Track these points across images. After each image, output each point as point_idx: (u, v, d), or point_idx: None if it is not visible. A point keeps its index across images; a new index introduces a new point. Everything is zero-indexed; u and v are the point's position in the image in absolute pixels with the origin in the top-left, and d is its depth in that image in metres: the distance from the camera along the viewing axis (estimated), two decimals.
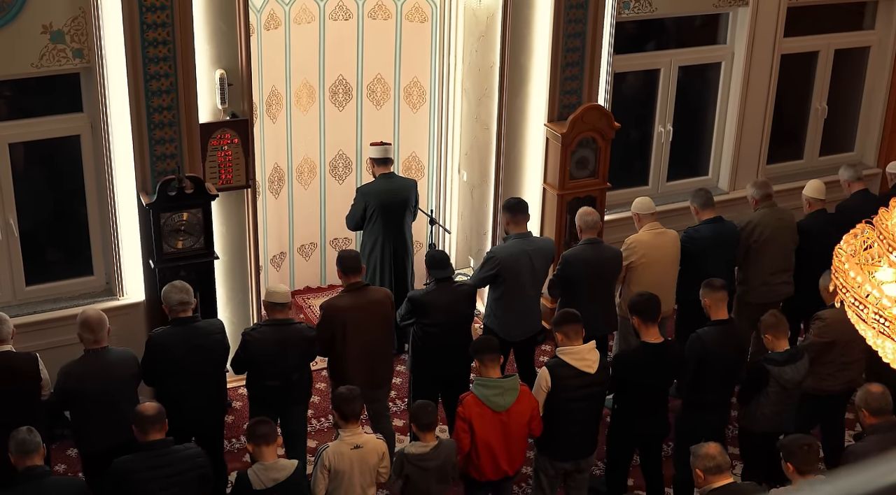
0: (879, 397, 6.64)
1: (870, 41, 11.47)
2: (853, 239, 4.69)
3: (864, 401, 6.65)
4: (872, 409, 6.61)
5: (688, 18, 10.65)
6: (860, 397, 6.71)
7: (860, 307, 4.29)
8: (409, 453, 6.70)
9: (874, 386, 6.72)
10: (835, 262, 4.61)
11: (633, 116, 10.44)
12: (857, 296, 4.28)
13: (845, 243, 4.65)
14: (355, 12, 9.79)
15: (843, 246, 4.64)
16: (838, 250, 4.67)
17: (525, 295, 8.37)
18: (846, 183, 9.72)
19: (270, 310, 7.52)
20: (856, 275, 4.37)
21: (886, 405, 6.63)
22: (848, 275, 4.39)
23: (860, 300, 4.28)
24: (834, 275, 4.56)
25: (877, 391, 6.67)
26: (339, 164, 10.32)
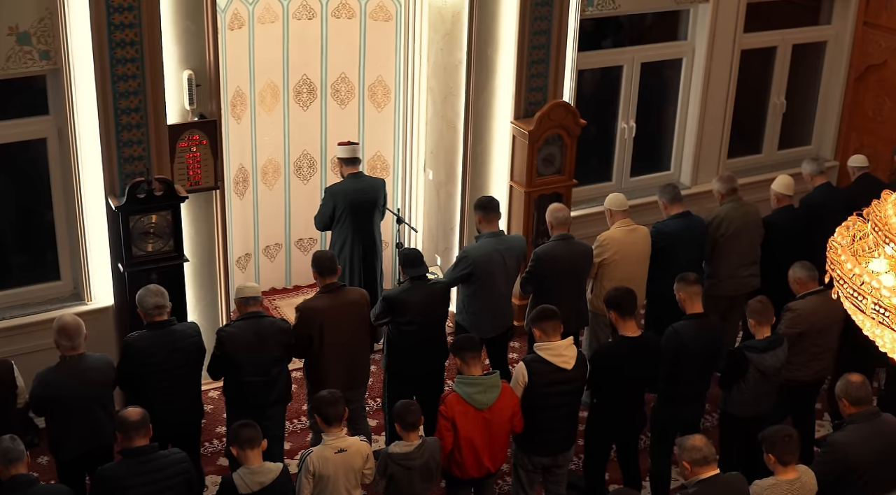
0: (860, 387, 6.72)
1: (826, 36, 11.61)
2: (846, 230, 4.74)
3: (845, 391, 6.73)
4: (853, 399, 6.69)
5: (642, 15, 10.71)
6: (840, 387, 6.78)
7: (859, 298, 4.33)
8: (394, 453, 6.68)
9: (854, 376, 6.80)
10: (830, 255, 4.65)
11: (595, 113, 10.46)
12: (855, 287, 4.33)
13: (839, 235, 4.70)
14: (319, 11, 9.74)
15: (837, 238, 4.68)
16: (832, 243, 4.71)
17: (497, 292, 8.38)
18: (809, 176, 9.82)
19: (243, 305, 7.48)
20: (853, 267, 4.41)
21: (866, 395, 6.72)
22: (844, 266, 4.44)
23: (858, 291, 4.32)
24: (829, 268, 4.61)
25: (857, 381, 6.75)
26: (303, 164, 10.26)
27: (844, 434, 6.62)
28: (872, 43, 11.41)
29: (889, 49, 11.26)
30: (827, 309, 8.12)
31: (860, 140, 11.71)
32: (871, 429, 6.60)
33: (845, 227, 4.76)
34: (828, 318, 8.11)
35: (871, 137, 11.62)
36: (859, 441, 6.54)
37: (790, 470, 6.32)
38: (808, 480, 6.38)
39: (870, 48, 11.46)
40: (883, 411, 7.93)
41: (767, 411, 7.92)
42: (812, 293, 8.12)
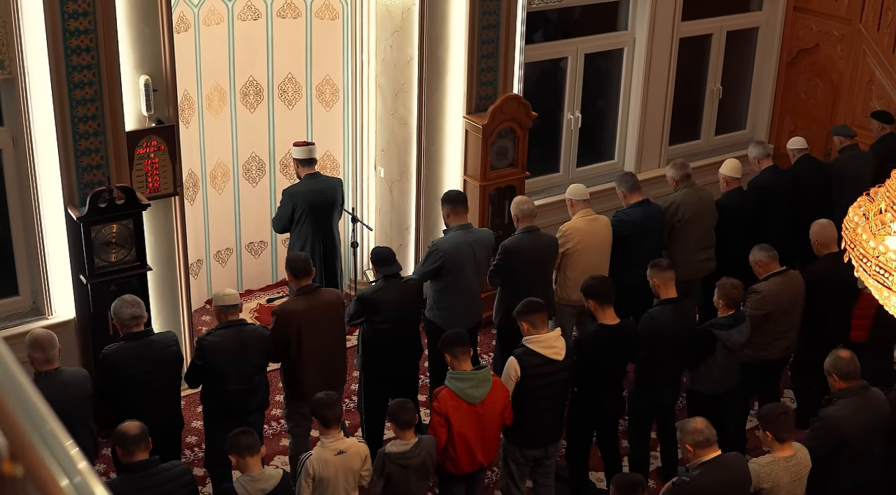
0: (848, 362, 6.87)
1: (758, 22, 11.84)
2: (858, 209, 4.84)
3: (834, 367, 6.88)
4: (842, 374, 6.84)
5: (572, 8, 10.77)
6: (830, 363, 6.93)
7: (885, 275, 4.42)
8: (391, 452, 6.64)
9: (843, 352, 6.96)
10: (847, 235, 4.74)
11: (539, 105, 10.51)
12: (883, 264, 4.42)
13: (853, 215, 4.79)
14: (264, 12, 9.63)
15: (852, 217, 4.77)
16: (847, 223, 4.80)
17: (468, 286, 8.38)
18: (756, 160, 10.01)
19: (222, 313, 7.36)
20: (877, 245, 4.50)
21: (855, 369, 6.87)
22: (867, 244, 4.53)
23: (885, 268, 4.41)
24: (849, 247, 4.70)
25: (845, 356, 6.90)
26: (252, 167, 10.14)
27: (836, 408, 6.77)
28: (803, 27, 11.66)
29: (820, 33, 11.52)
30: (790, 289, 8.31)
31: (794, 123, 11.97)
32: (861, 403, 6.76)
33: (857, 206, 4.84)
34: (791, 298, 8.30)
35: (805, 119, 11.88)
36: (850, 414, 6.69)
37: (786, 447, 6.45)
38: (803, 456, 6.50)
39: (801, 32, 11.71)
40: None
41: (733, 388, 8.07)
42: (775, 274, 8.28)
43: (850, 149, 10.41)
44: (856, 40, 11.16)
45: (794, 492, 6.47)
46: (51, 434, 1.67)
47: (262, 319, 9.84)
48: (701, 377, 8.02)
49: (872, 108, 10.98)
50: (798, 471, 6.44)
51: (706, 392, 8.03)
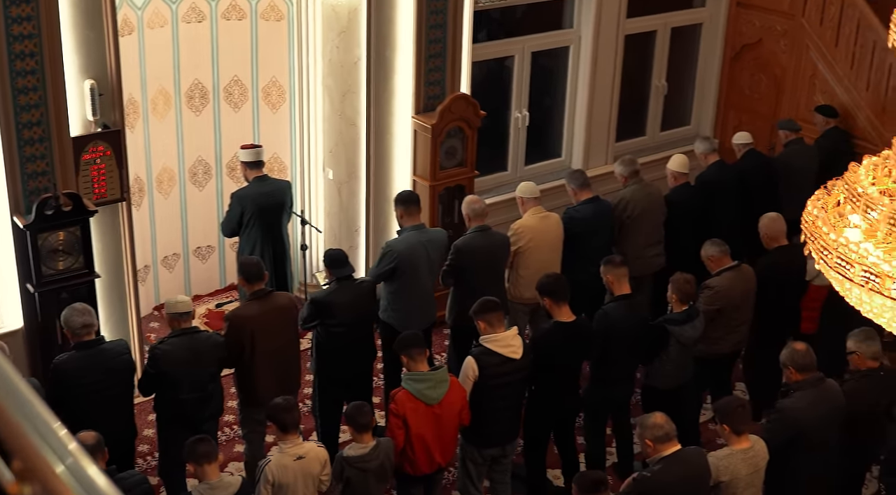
0: (805, 354, 6.92)
1: (701, 18, 11.92)
2: (817, 202, 4.87)
3: (791, 359, 6.92)
4: (799, 366, 6.89)
5: (514, 7, 10.78)
6: (786, 355, 6.98)
7: (846, 267, 4.44)
8: (349, 456, 6.60)
9: (799, 344, 7.01)
10: (807, 228, 4.76)
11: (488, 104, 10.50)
12: (843, 255, 4.44)
13: (812, 207, 4.82)
14: (209, 14, 9.53)
15: (811, 210, 4.80)
16: (807, 216, 4.83)
17: (422, 286, 8.35)
18: (703, 155, 10.06)
19: (175, 320, 7.27)
20: (837, 237, 4.53)
21: (811, 361, 6.92)
22: (828, 237, 4.55)
23: (846, 260, 4.44)
24: (809, 240, 4.72)
25: (801, 349, 6.95)
26: (198, 171, 10.03)
27: (792, 400, 6.81)
28: (747, 22, 11.76)
29: (763, 28, 11.61)
30: (742, 283, 8.37)
31: (738, 117, 12.05)
32: (817, 395, 6.81)
33: (815, 199, 4.87)
34: (743, 292, 8.37)
35: (749, 114, 11.97)
36: (807, 406, 6.74)
37: (744, 440, 6.48)
38: (761, 448, 6.54)
39: (744, 28, 11.81)
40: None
41: (687, 382, 8.11)
42: (727, 269, 8.33)
43: (796, 143, 10.50)
44: (798, 35, 11.27)
45: (752, 484, 6.51)
46: (40, 419, 1.67)
47: (212, 325, 9.75)
48: (655, 372, 8.06)
49: (816, 102, 11.09)
50: (756, 463, 6.49)
51: (661, 387, 8.06)
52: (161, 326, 9.81)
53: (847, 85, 10.92)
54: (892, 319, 4.40)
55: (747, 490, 6.47)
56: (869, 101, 10.78)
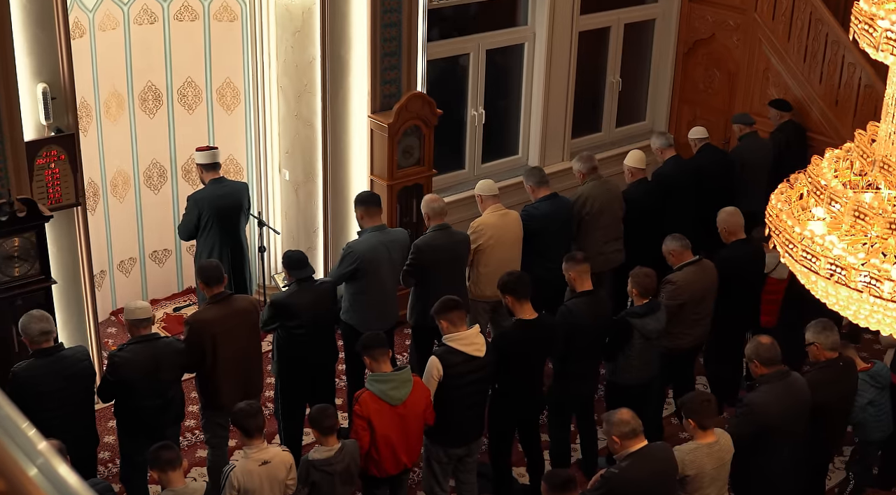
0: (770, 347, 6.94)
1: (654, 14, 11.96)
2: (780, 195, 4.88)
3: (756, 353, 6.94)
4: (763, 360, 6.90)
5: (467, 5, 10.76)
6: (751, 349, 6.99)
7: (811, 260, 4.46)
8: (315, 459, 6.54)
9: (764, 338, 7.03)
10: (771, 222, 4.77)
11: (444, 102, 10.48)
12: (808, 249, 4.45)
13: (776, 201, 4.83)
14: (161, 15, 9.42)
15: (775, 204, 4.81)
16: (770, 210, 4.84)
17: (384, 287, 8.31)
18: (659, 150, 10.10)
19: (134, 327, 7.17)
20: (801, 231, 4.54)
21: (776, 355, 6.94)
22: (793, 230, 4.56)
23: (811, 253, 4.45)
24: (773, 234, 4.73)
25: (766, 342, 6.97)
26: (153, 174, 9.92)
27: (759, 394, 6.83)
28: (699, 18, 11.81)
29: (715, 23, 11.67)
30: (704, 278, 8.39)
31: (692, 112, 12.12)
32: (783, 389, 6.83)
33: (779, 193, 4.88)
34: (705, 287, 8.39)
35: (704, 109, 12.03)
36: (774, 400, 6.76)
37: (709, 434, 6.50)
38: (726, 442, 6.56)
39: (696, 23, 11.86)
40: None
41: (653, 377, 8.13)
42: (689, 264, 8.35)
43: (750, 137, 10.57)
44: (751, 29, 11.34)
45: (717, 478, 6.53)
46: (8, 419, 1.64)
47: (170, 329, 9.66)
48: (618, 368, 8.07)
49: (770, 96, 11.16)
50: (721, 457, 6.51)
51: (624, 382, 8.07)
52: (119, 331, 9.71)
53: (800, 78, 11.00)
54: (858, 311, 4.41)
55: (713, 484, 6.49)
56: (822, 95, 10.87)
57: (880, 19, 4.09)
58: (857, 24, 4.22)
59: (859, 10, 4.19)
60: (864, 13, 4.16)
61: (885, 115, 4.43)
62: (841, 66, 10.66)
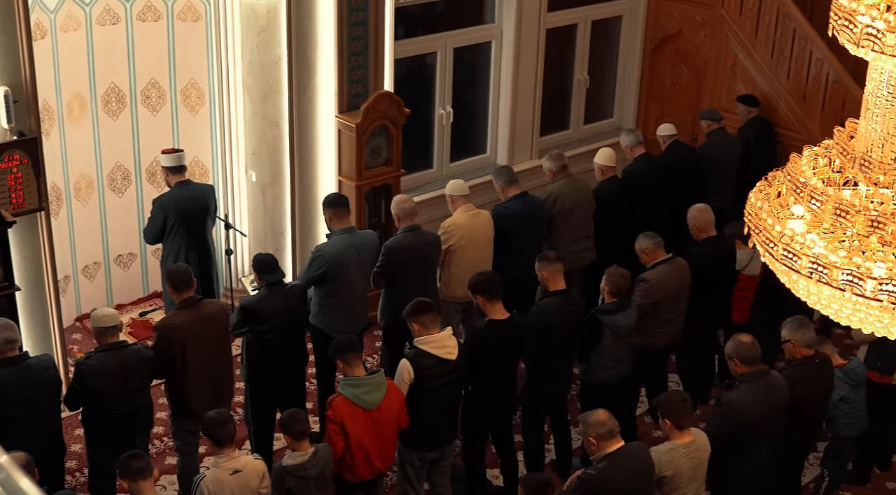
0: (751, 346, 6.89)
1: (621, 11, 11.91)
2: (760, 193, 4.83)
3: (736, 352, 6.88)
4: (744, 359, 6.85)
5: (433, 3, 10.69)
6: (731, 347, 6.94)
7: (792, 259, 4.40)
8: (289, 465, 6.44)
9: (744, 337, 6.98)
10: (750, 221, 4.72)
11: (411, 101, 10.39)
12: (789, 247, 4.40)
13: (755, 199, 4.78)
14: (123, 16, 9.28)
15: (754, 202, 4.75)
16: (749, 208, 4.78)
17: (353, 290, 8.22)
18: (628, 148, 10.05)
19: (101, 335, 7.05)
20: (782, 229, 4.49)
21: (757, 354, 6.89)
22: (773, 229, 4.51)
23: (792, 252, 4.40)
24: (753, 233, 4.68)
25: (747, 341, 6.92)
26: (117, 177, 9.77)
27: (738, 393, 6.78)
28: (666, 14, 11.78)
29: (682, 19, 11.64)
30: (677, 275, 8.35)
31: (660, 109, 12.08)
32: (763, 388, 6.79)
33: (758, 191, 4.83)
34: (679, 285, 8.35)
35: (671, 105, 12.00)
36: (753, 399, 6.72)
37: (685, 434, 6.45)
38: (702, 442, 6.52)
39: (664, 19, 11.82)
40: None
41: (626, 376, 8.08)
42: (662, 261, 8.31)
43: (718, 133, 10.54)
44: (718, 25, 11.31)
45: (695, 478, 6.48)
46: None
47: (136, 334, 9.53)
48: (591, 366, 8.02)
49: (737, 92, 11.14)
50: (699, 457, 6.46)
51: (597, 381, 8.02)
52: (84, 338, 9.56)
53: (768, 74, 10.99)
54: (840, 310, 4.36)
55: (690, 484, 6.44)
56: (790, 90, 10.86)
57: (860, 15, 4.04)
58: (836, 20, 4.16)
59: (839, 6, 4.14)
60: (844, 9, 4.11)
61: (865, 111, 4.38)
62: (808, 61, 10.65)
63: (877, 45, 4.00)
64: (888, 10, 4.03)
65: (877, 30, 3.98)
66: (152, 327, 7.54)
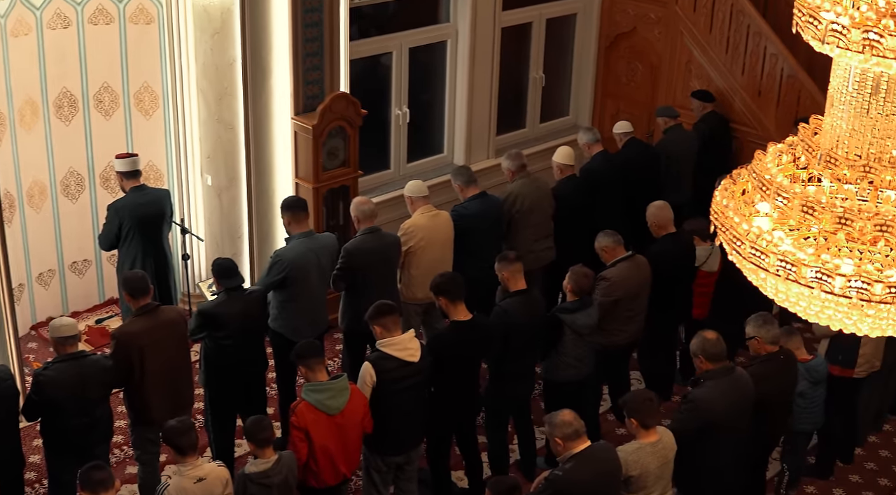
0: (716, 343, 6.88)
1: (576, 9, 11.91)
2: (725, 192, 4.80)
3: (702, 348, 6.88)
4: (710, 355, 6.85)
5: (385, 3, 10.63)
6: (696, 344, 6.93)
7: (761, 257, 4.38)
8: (251, 472, 6.37)
9: (709, 333, 6.97)
10: (716, 220, 4.69)
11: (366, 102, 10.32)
12: (757, 246, 4.38)
13: (721, 197, 4.75)
14: (75, 19, 9.14)
15: (720, 200, 4.73)
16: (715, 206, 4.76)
17: (313, 294, 8.14)
18: (586, 146, 10.03)
19: (60, 345, 6.94)
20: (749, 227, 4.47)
21: (722, 350, 6.89)
22: (740, 228, 4.49)
23: (759, 250, 4.37)
24: (720, 231, 4.65)
25: (712, 337, 6.91)
26: (70, 183, 9.63)
27: (704, 390, 6.77)
28: (620, 11, 11.79)
29: (637, 16, 11.66)
30: (638, 273, 8.35)
31: (616, 106, 12.09)
32: (728, 384, 6.78)
33: (724, 189, 4.80)
34: (639, 282, 8.35)
35: (627, 102, 12.01)
36: (719, 396, 6.71)
37: (652, 433, 6.43)
38: (668, 440, 6.51)
39: (618, 17, 11.83)
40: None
41: (588, 375, 8.06)
42: (622, 259, 8.30)
43: (675, 130, 10.57)
44: (672, 22, 11.33)
45: (662, 477, 6.47)
46: None
47: (93, 342, 9.40)
48: (553, 365, 8.00)
49: (692, 88, 11.17)
50: (665, 456, 6.45)
51: (559, 379, 8.00)
52: (40, 347, 9.42)
53: (722, 70, 11.02)
54: (808, 307, 4.35)
55: (657, 483, 6.43)
56: (745, 85, 10.90)
57: (825, 11, 4.03)
58: (800, 16, 4.14)
59: (802, 2, 4.11)
60: (808, 5, 4.09)
61: (829, 107, 4.36)
62: (763, 56, 10.69)
63: (842, 42, 3.98)
64: (852, 6, 4.02)
65: (842, 26, 3.96)
66: (109, 335, 7.42)
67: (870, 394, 8.58)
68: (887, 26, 3.87)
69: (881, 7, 3.92)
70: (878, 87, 4.17)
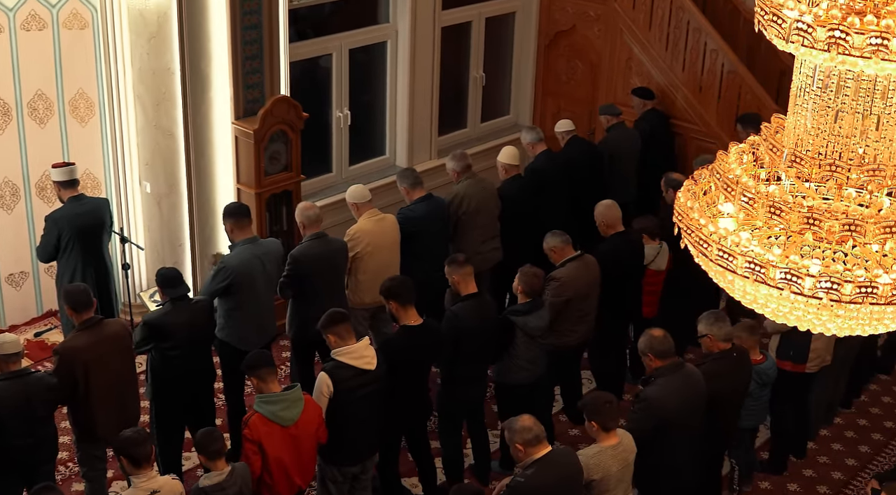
0: (663, 340, 6.85)
1: (514, 7, 11.85)
2: (688, 193, 4.74)
3: (650, 346, 6.84)
4: (658, 353, 6.81)
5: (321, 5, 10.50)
6: (644, 343, 6.89)
7: (728, 259, 4.33)
8: (205, 485, 6.21)
9: (656, 331, 6.93)
10: (680, 221, 4.63)
11: (306, 105, 10.18)
12: (724, 247, 4.33)
13: (684, 199, 4.69)
14: (7, 26, 8.89)
15: (684, 202, 4.67)
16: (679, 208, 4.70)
17: (259, 301, 8.00)
18: (529, 145, 9.98)
19: (3, 362, 6.74)
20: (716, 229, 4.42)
21: (670, 347, 6.86)
22: (706, 229, 4.43)
23: (726, 251, 4.32)
24: (684, 233, 4.59)
25: (659, 335, 6.87)
26: (5, 193, 9.38)
27: (656, 388, 6.73)
28: (559, 9, 11.74)
29: (576, 14, 11.62)
30: (587, 273, 8.30)
31: (557, 104, 12.05)
32: (679, 381, 6.75)
33: (686, 190, 4.74)
34: (589, 282, 8.31)
35: (567, 101, 11.98)
36: (671, 393, 6.68)
37: (612, 436, 6.37)
38: (629, 443, 6.46)
39: (557, 15, 11.79)
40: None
41: (540, 376, 8.00)
42: (571, 259, 8.25)
43: (618, 128, 10.55)
44: (612, 19, 11.31)
45: (623, 480, 6.42)
46: None
47: (32, 356, 9.17)
48: (505, 368, 7.93)
49: (633, 85, 11.15)
50: (626, 458, 6.40)
51: (511, 382, 7.94)
52: None
53: (663, 67, 11.02)
54: (777, 309, 4.30)
55: (619, 485, 6.37)
56: (686, 82, 10.90)
57: (788, 9, 3.98)
58: (763, 14, 4.09)
59: (765, 1, 4.07)
60: (771, 4, 4.04)
61: (792, 106, 4.32)
62: (703, 52, 10.70)
63: (807, 40, 3.93)
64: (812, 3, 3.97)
65: (806, 24, 3.92)
66: (51, 350, 7.22)
67: (821, 389, 8.60)
68: (853, 24, 3.83)
69: (841, 4, 3.87)
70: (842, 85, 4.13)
